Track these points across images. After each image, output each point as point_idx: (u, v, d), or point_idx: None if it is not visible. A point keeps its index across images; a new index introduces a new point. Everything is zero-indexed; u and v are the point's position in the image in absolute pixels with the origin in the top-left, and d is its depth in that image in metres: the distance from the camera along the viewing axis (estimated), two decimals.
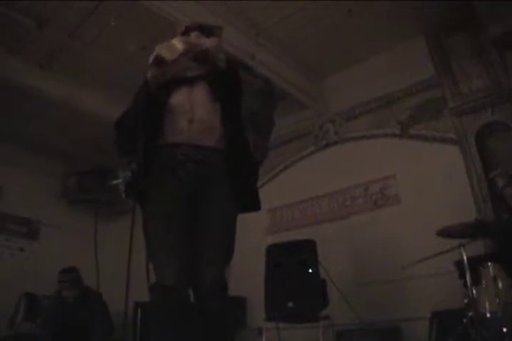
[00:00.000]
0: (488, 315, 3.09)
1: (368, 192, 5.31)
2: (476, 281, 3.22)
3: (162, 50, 2.22)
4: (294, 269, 4.56)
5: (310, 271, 4.45)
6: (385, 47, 5.51)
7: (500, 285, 3.15)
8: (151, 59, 2.24)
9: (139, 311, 5.33)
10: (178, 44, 2.23)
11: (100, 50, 5.26)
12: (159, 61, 2.23)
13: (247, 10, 4.89)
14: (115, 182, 2.41)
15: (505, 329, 2.95)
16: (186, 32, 2.52)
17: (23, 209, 6.89)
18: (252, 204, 2.43)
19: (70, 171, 7.43)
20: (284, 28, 5.14)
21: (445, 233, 3.46)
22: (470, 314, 3.13)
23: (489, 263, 3.27)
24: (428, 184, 4.75)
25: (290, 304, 4.37)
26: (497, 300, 3.10)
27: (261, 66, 5.15)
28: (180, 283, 2.04)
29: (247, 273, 4.96)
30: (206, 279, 2.11)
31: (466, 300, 3.23)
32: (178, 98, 2.35)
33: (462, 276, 3.34)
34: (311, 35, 5.28)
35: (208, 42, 2.36)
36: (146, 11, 4.45)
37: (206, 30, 2.52)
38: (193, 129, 2.27)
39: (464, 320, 3.15)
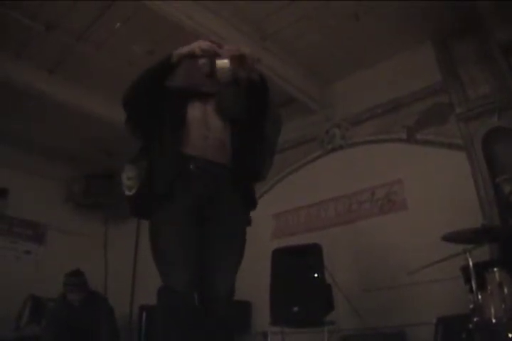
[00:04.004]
0: (493, 321, 3.07)
1: (374, 197, 5.30)
2: (482, 287, 3.21)
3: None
4: (299, 274, 4.56)
5: (315, 275, 4.44)
6: (392, 53, 5.51)
7: (505, 290, 3.13)
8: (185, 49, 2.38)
9: (144, 314, 5.33)
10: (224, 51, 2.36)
11: (107, 54, 5.28)
12: (191, 54, 2.37)
13: (253, 14, 4.91)
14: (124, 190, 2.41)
15: (510, 335, 2.93)
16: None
17: (30, 212, 6.91)
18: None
19: (76, 175, 7.46)
20: (291, 32, 5.15)
21: (451, 238, 3.45)
22: (475, 319, 3.11)
23: (495, 269, 3.24)
24: (434, 189, 4.74)
25: (295, 308, 4.36)
26: (502, 306, 3.08)
27: (266, 70, 5.16)
28: (188, 287, 2.06)
29: (252, 278, 4.94)
30: (218, 287, 2.16)
31: (471, 306, 3.21)
32: (194, 113, 2.44)
33: (468, 282, 3.33)
34: (318, 40, 5.29)
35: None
36: (153, 15, 4.47)
37: None
38: (207, 145, 2.36)
39: (470, 326, 3.12)
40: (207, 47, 2.36)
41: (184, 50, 2.37)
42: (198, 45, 2.36)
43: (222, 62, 2.30)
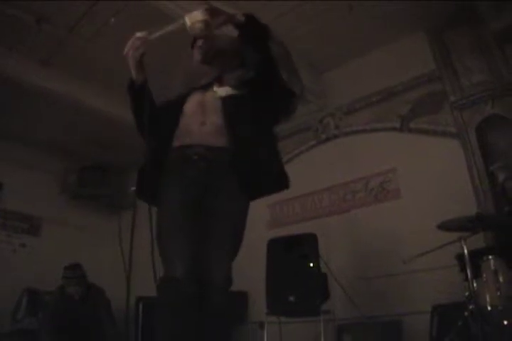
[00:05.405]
0: (488, 308, 3.09)
1: (368, 186, 5.31)
2: (477, 275, 3.23)
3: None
4: (295, 263, 4.58)
5: (311, 265, 4.46)
6: (386, 42, 5.48)
7: (500, 278, 3.15)
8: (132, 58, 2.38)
9: (141, 306, 5.34)
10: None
11: (101, 46, 5.22)
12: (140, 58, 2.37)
13: (246, 5, 4.86)
14: (133, 188, 2.44)
15: (505, 323, 2.96)
16: None
17: (25, 205, 6.89)
18: (277, 184, 2.66)
19: (70, 167, 7.44)
20: (284, 22, 5.09)
21: (446, 226, 3.46)
22: (471, 307, 3.13)
23: (490, 257, 3.27)
24: (428, 178, 4.75)
25: (291, 298, 4.39)
26: (498, 294, 3.10)
27: None
28: (189, 276, 2.06)
29: (248, 268, 4.94)
30: (213, 276, 2.14)
31: (466, 294, 3.24)
32: (192, 103, 2.44)
33: (463, 270, 3.35)
34: (311, 29, 5.25)
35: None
36: (146, 7, 4.42)
37: None
38: (204, 131, 2.33)
39: (465, 314, 3.15)
40: (139, 40, 2.37)
41: (131, 63, 2.40)
42: (129, 47, 2.39)
43: (194, 15, 2.30)
